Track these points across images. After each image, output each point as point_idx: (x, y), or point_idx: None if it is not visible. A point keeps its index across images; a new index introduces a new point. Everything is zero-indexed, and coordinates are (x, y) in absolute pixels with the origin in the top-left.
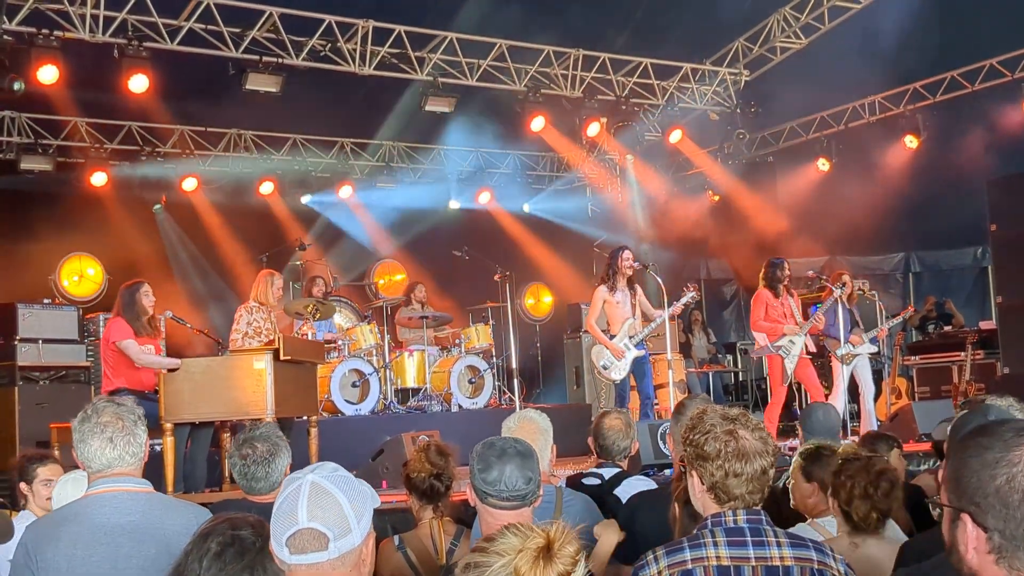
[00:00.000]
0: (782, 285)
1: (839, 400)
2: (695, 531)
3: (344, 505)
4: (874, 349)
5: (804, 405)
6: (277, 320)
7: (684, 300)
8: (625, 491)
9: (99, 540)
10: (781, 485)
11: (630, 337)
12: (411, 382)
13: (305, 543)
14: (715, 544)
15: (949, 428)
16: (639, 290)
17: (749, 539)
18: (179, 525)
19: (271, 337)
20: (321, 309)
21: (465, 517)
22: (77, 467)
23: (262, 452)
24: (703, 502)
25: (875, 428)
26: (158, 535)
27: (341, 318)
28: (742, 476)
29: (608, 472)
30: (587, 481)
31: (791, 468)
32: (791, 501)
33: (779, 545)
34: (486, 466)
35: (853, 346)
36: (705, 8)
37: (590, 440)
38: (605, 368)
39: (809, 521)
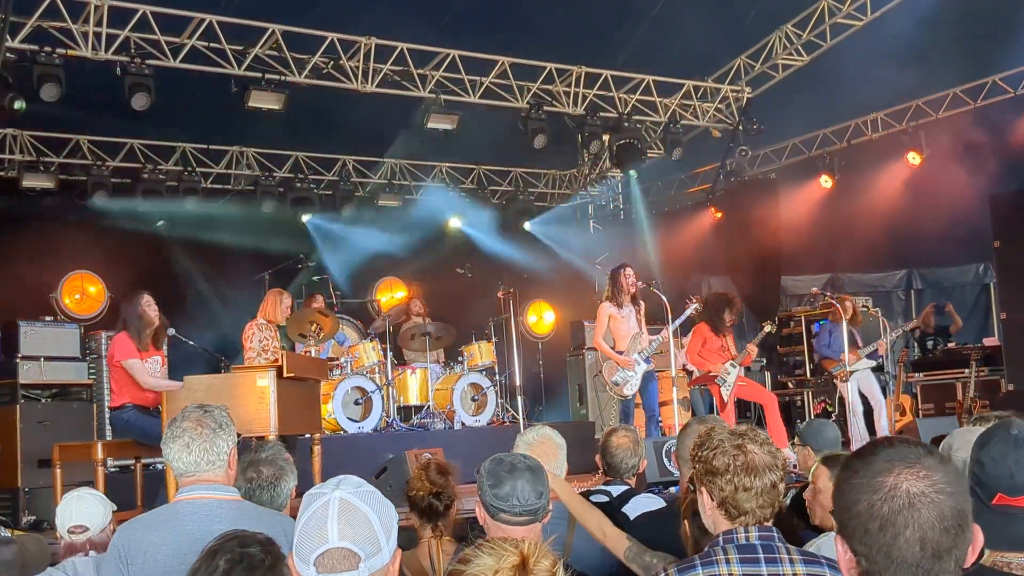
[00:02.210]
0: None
1: (858, 417)
2: (707, 548)
3: (374, 523)
4: (872, 364)
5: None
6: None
7: (687, 313)
8: (634, 508)
9: (189, 547)
10: (789, 502)
11: (638, 352)
12: (414, 399)
13: (335, 563)
14: (727, 561)
15: (973, 442)
16: (642, 307)
17: (761, 556)
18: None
19: (277, 355)
20: (323, 325)
21: (468, 535)
22: (84, 484)
23: (268, 476)
24: (714, 519)
25: None
26: None
27: (344, 336)
28: (751, 490)
29: (616, 489)
30: (595, 499)
31: (815, 477)
32: (811, 517)
33: (792, 562)
34: (497, 481)
35: (847, 365)
36: (707, 25)
37: (598, 457)
38: (617, 384)
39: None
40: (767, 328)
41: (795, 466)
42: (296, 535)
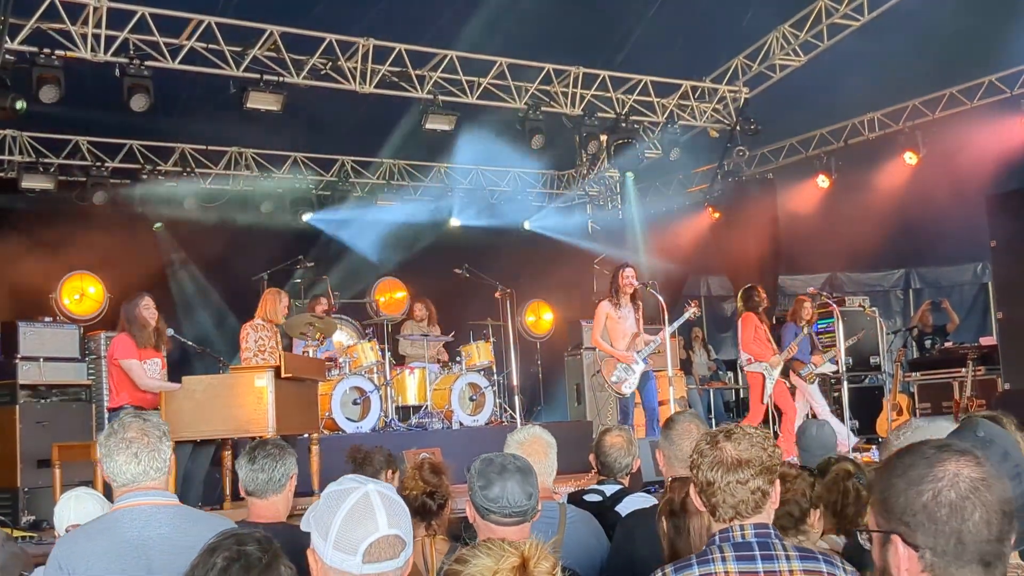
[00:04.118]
0: (761, 309)
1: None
2: (704, 547)
3: (408, 515)
4: (834, 368)
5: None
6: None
7: (684, 318)
8: (626, 508)
9: (130, 554)
10: None
11: (636, 352)
12: (412, 399)
13: (382, 551)
14: (723, 559)
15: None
16: (641, 308)
17: (758, 553)
18: (208, 536)
19: (275, 355)
20: (322, 327)
21: (462, 534)
22: (83, 484)
23: (271, 450)
24: (709, 519)
25: None
26: (187, 546)
27: (342, 336)
28: (729, 487)
29: (610, 489)
30: (588, 498)
31: None
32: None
33: (788, 559)
34: (487, 483)
35: (816, 366)
36: (704, 26)
37: (591, 457)
38: (615, 382)
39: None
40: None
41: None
42: (335, 528)
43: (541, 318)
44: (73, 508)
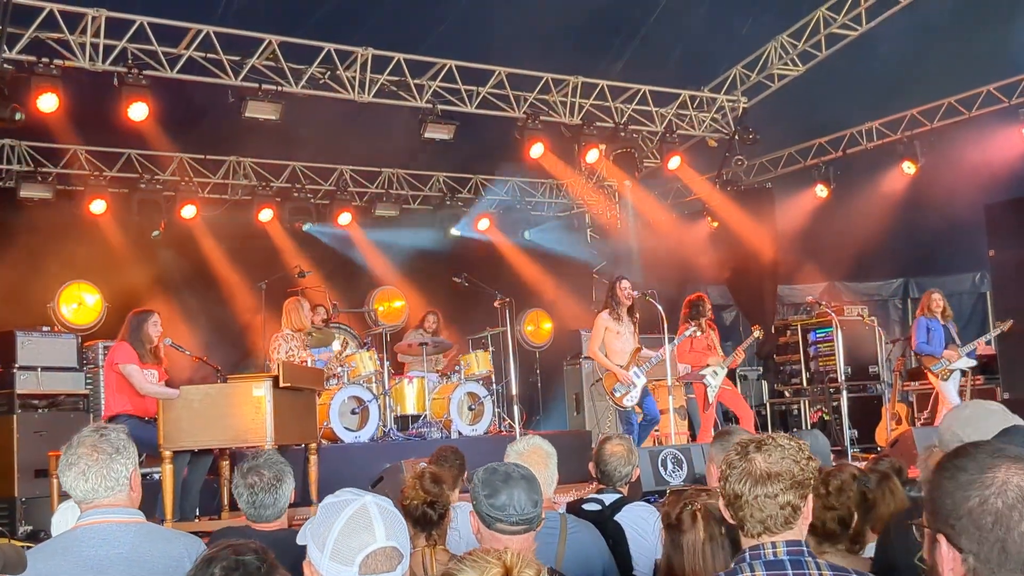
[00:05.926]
0: (705, 320)
1: None
2: (733, 565)
3: (406, 528)
4: (973, 363)
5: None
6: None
7: (687, 334)
8: (626, 517)
9: (86, 574)
10: None
11: (638, 367)
12: (411, 409)
13: (379, 563)
14: None
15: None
16: (637, 319)
17: (790, 572)
18: (170, 556)
19: (306, 364)
20: (320, 336)
21: None
22: None
23: (269, 479)
24: (741, 535)
25: None
26: (148, 566)
27: (338, 345)
28: (757, 501)
29: (609, 498)
30: (587, 507)
31: None
32: None
33: None
34: (493, 491)
35: (949, 361)
36: (703, 35)
37: (591, 465)
38: (617, 394)
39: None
40: (756, 333)
41: None
42: (332, 539)
43: (540, 327)
44: (70, 518)
